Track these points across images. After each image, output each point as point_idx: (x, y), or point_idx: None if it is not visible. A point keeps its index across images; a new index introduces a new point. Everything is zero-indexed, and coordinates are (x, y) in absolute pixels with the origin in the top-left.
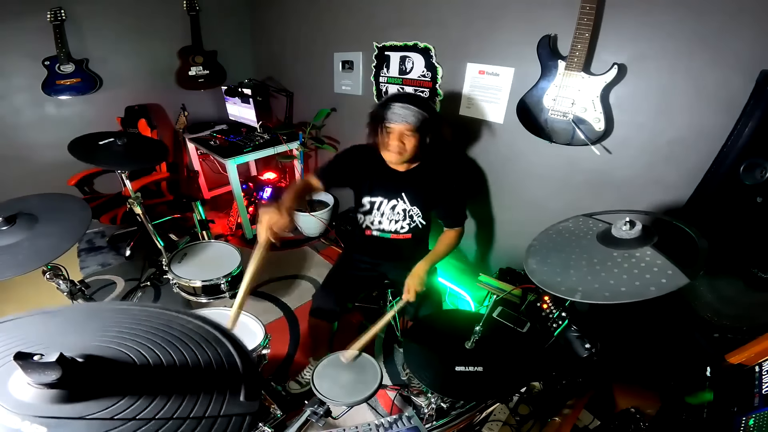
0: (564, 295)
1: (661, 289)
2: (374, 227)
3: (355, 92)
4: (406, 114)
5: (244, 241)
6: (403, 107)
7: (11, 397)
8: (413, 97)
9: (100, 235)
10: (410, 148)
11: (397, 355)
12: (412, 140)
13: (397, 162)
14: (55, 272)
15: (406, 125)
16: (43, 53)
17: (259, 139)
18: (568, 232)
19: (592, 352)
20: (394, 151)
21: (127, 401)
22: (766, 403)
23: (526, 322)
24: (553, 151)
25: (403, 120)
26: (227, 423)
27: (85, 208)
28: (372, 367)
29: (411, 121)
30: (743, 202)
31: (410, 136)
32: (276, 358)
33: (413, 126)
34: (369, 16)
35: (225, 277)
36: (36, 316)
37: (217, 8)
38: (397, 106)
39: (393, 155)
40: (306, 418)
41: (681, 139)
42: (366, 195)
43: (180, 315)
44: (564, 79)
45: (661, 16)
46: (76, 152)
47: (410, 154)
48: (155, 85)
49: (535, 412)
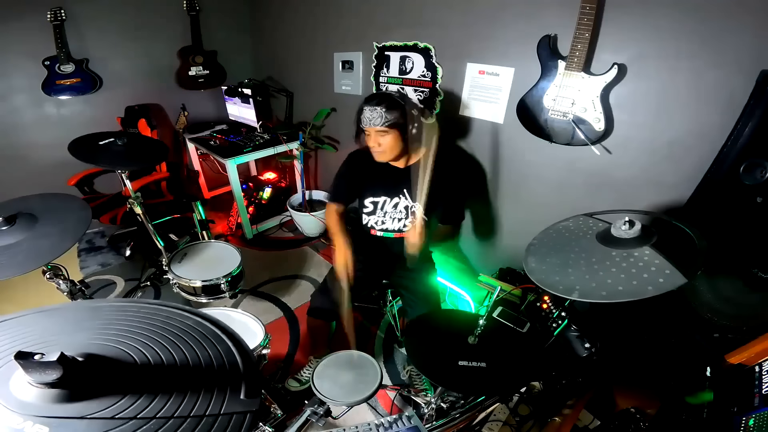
0: (562, 294)
1: (658, 288)
2: (378, 227)
3: (355, 92)
4: (373, 116)
5: (244, 241)
6: (370, 110)
7: (13, 397)
8: (380, 97)
9: (100, 235)
10: (388, 145)
11: (397, 355)
12: (388, 138)
13: (383, 160)
14: (55, 272)
15: (375, 127)
16: (43, 53)
17: (259, 139)
18: (567, 231)
19: (592, 352)
20: (373, 151)
21: (128, 400)
22: (766, 403)
23: (526, 322)
24: (553, 151)
25: (370, 123)
26: (228, 421)
27: (85, 208)
28: (372, 367)
29: (377, 123)
30: (743, 202)
31: (385, 134)
32: (276, 358)
33: (383, 126)
34: (369, 16)
35: (225, 277)
36: (36, 315)
37: (217, 8)
38: (366, 110)
39: (375, 155)
40: (306, 417)
41: (681, 139)
42: (368, 196)
43: (179, 311)
44: (564, 79)
45: (661, 16)
46: (76, 153)
47: (393, 151)
48: (155, 85)
49: (535, 412)
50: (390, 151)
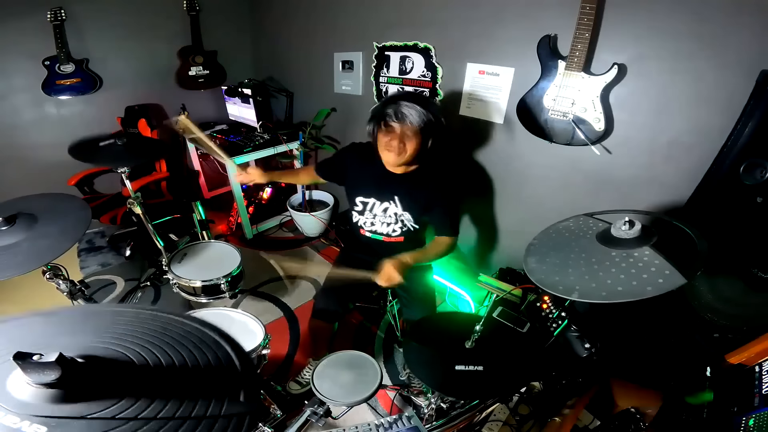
0: (561, 294)
1: (657, 289)
2: (367, 228)
3: (355, 92)
4: (411, 113)
5: (244, 241)
6: (409, 106)
7: (11, 396)
8: (420, 98)
9: (100, 235)
10: (411, 149)
11: (397, 355)
12: (413, 142)
13: (395, 163)
14: (54, 272)
15: (410, 125)
16: (43, 53)
17: (259, 139)
18: (568, 231)
19: (592, 352)
20: (393, 151)
21: (127, 401)
22: (766, 403)
23: (526, 322)
24: (553, 151)
25: (407, 120)
26: (227, 423)
27: (85, 208)
28: (372, 367)
29: (415, 122)
30: (743, 202)
31: (412, 137)
32: (276, 358)
33: (417, 127)
34: (369, 16)
35: (225, 277)
36: (35, 317)
37: (218, 8)
38: (404, 105)
39: (392, 156)
40: (306, 418)
41: (681, 139)
42: (358, 195)
43: (177, 318)
44: (564, 79)
45: (662, 16)
46: (76, 154)
47: (410, 156)
48: (155, 85)
49: (535, 412)
50: (410, 155)
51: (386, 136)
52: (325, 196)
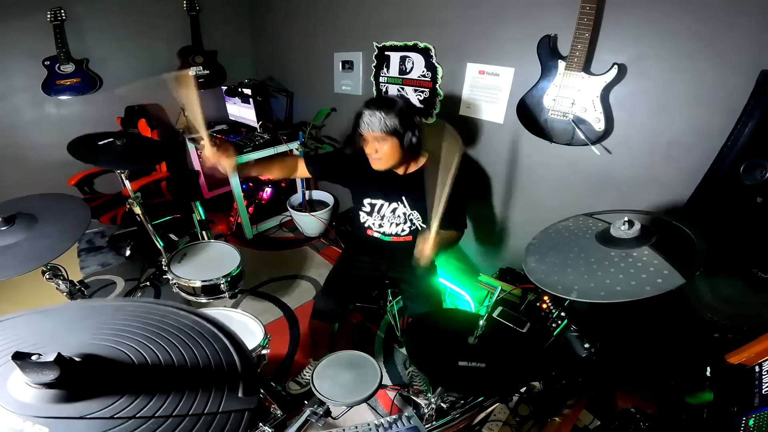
0: (560, 293)
1: (656, 288)
2: (375, 229)
3: (355, 92)
4: (372, 121)
5: (244, 241)
6: (370, 114)
7: (11, 398)
8: (382, 101)
9: (100, 235)
10: (389, 152)
11: (397, 355)
12: (387, 144)
13: (381, 168)
14: (54, 272)
15: (375, 132)
16: (43, 53)
17: (259, 139)
18: (567, 231)
19: (592, 352)
20: (371, 158)
21: (126, 399)
22: (766, 403)
23: (525, 322)
24: (553, 151)
25: (369, 127)
26: (226, 419)
27: (85, 208)
28: (372, 367)
29: (376, 128)
30: (743, 202)
31: (383, 141)
32: (276, 358)
33: (382, 132)
34: (369, 16)
35: (225, 277)
36: (33, 315)
37: (217, 8)
38: (366, 113)
39: (373, 162)
40: (306, 418)
41: (681, 139)
42: (367, 197)
43: (176, 310)
44: (564, 79)
45: (661, 16)
46: (75, 153)
47: (390, 159)
48: (155, 85)
49: (535, 412)
50: (387, 159)
51: (363, 144)
52: (325, 196)
